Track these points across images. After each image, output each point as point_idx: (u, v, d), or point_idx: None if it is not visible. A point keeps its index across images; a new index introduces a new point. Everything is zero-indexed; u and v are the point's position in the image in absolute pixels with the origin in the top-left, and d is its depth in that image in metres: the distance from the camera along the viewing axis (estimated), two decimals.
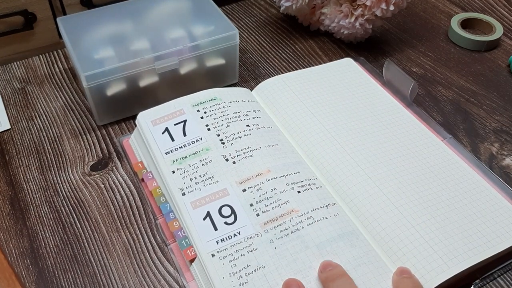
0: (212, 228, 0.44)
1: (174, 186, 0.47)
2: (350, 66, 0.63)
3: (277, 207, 0.45)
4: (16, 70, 0.66)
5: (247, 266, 0.41)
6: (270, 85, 0.59)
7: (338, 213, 0.46)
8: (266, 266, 0.41)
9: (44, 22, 0.66)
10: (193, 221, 0.44)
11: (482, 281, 0.44)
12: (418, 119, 0.56)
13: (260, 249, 0.42)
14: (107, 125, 0.59)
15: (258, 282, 0.40)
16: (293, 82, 0.59)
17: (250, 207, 0.45)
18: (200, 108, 0.53)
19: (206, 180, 0.47)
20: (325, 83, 0.60)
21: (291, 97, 0.57)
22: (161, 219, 0.48)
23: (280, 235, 0.43)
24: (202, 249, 0.43)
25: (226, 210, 0.45)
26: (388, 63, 0.60)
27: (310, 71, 0.61)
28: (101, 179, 0.53)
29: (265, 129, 0.53)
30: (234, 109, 0.54)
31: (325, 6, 0.68)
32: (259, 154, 0.50)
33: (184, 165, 0.49)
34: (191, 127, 0.52)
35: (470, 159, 0.52)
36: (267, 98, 0.58)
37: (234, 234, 0.43)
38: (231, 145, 0.50)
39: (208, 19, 0.62)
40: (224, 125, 0.52)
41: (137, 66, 0.55)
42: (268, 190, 0.46)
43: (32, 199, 0.51)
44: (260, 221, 0.44)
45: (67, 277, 0.45)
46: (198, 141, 0.51)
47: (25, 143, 0.57)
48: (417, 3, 0.79)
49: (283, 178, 0.48)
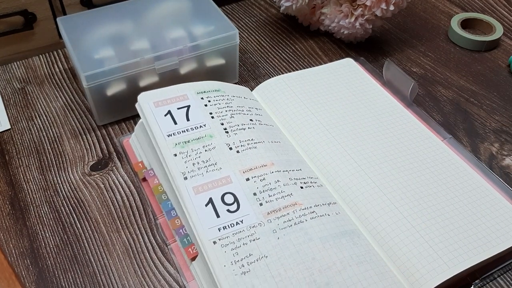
0: (214, 215, 0.43)
1: (176, 170, 0.45)
2: (350, 66, 0.63)
3: (281, 199, 0.45)
4: (16, 70, 0.66)
5: (249, 255, 0.41)
6: (271, 85, 0.59)
7: (339, 212, 0.46)
8: (268, 256, 0.41)
9: (44, 22, 0.66)
10: (195, 207, 0.43)
11: (482, 281, 0.44)
12: (418, 119, 0.56)
13: (262, 238, 0.42)
14: (107, 125, 0.59)
15: (260, 272, 0.40)
16: (293, 82, 0.59)
17: (253, 196, 0.44)
18: (204, 96, 0.52)
19: (209, 166, 0.46)
20: (325, 83, 0.60)
21: (292, 97, 0.57)
22: (162, 219, 0.48)
23: (283, 225, 0.43)
24: (204, 236, 0.41)
25: (229, 197, 0.44)
26: (388, 63, 0.61)
27: (310, 71, 0.62)
28: (101, 179, 0.53)
29: (267, 126, 0.53)
30: (237, 103, 0.53)
31: (325, 6, 0.68)
32: (262, 147, 0.49)
33: (186, 149, 0.47)
34: (195, 113, 0.51)
35: (470, 159, 0.52)
36: (268, 98, 0.58)
37: (236, 222, 0.43)
38: (235, 135, 0.49)
39: (208, 19, 0.62)
40: (228, 115, 0.51)
41: (137, 66, 0.55)
42: (272, 181, 0.46)
43: (32, 199, 0.51)
44: (263, 211, 0.44)
45: (67, 277, 0.45)
46: (202, 127, 0.49)
47: (25, 143, 0.57)
48: (417, 3, 0.79)
49: (286, 173, 0.47)
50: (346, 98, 0.58)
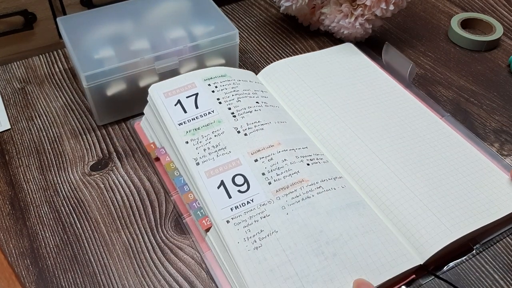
0: (226, 196, 0.46)
1: (188, 156, 0.48)
2: (351, 49, 0.67)
3: (288, 177, 0.47)
4: (16, 70, 0.66)
5: (261, 231, 0.43)
6: (275, 69, 0.62)
7: (345, 185, 0.48)
8: (278, 231, 0.43)
9: (44, 22, 0.66)
10: (207, 190, 0.46)
11: (482, 246, 0.47)
12: (417, 99, 0.59)
13: (272, 215, 0.44)
14: (107, 125, 0.59)
15: (272, 246, 0.42)
16: (296, 65, 0.63)
17: (262, 176, 0.47)
18: (211, 83, 0.54)
19: (219, 150, 0.49)
20: (327, 65, 0.63)
21: (295, 79, 0.60)
22: (176, 195, 0.50)
23: (291, 201, 0.45)
24: (217, 216, 0.44)
25: (239, 179, 0.47)
26: (387, 46, 0.63)
27: (313, 54, 0.65)
28: (101, 179, 0.53)
29: (273, 107, 0.55)
30: (243, 86, 0.55)
31: (325, 6, 0.68)
32: (269, 128, 0.51)
33: (197, 136, 0.50)
34: (203, 100, 0.53)
35: (466, 134, 0.55)
36: (272, 81, 0.61)
37: (247, 202, 0.45)
38: (242, 118, 0.51)
39: (208, 19, 0.62)
40: (235, 99, 0.53)
41: (137, 66, 0.55)
42: (279, 160, 0.48)
43: (32, 199, 0.51)
44: (272, 189, 0.46)
45: (67, 277, 0.45)
46: (210, 113, 0.52)
47: (25, 143, 0.57)
48: (417, 3, 0.79)
49: (293, 151, 0.49)
50: (347, 79, 0.61)
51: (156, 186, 0.52)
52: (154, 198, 0.51)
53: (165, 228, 0.48)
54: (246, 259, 0.41)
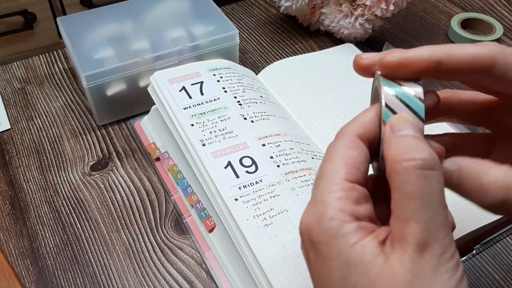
0: (234, 176, 0.44)
1: (195, 137, 0.47)
2: (351, 49, 0.66)
3: (297, 163, 0.46)
4: (16, 70, 0.66)
5: (271, 209, 0.42)
6: (275, 69, 0.62)
7: None
8: (289, 210, 0.42)
9: (44, 22, 0.66)
10: (214, 169, 0.45)
11: (482, 246, 0.47)
12: None
13: (282, 195, 0.43)
14: (107, 125, 0.59)
15: (282, 223, 0.41)
16: (296, 65, 0.62)
17: (270, 159, 0.46)
18: (216, 73, 0.54)
19: (225, 134, 0.48)
20: (327, 65, 0.63)
21: (295, 79, 0.60)
22: (176, 195, 0.50)
23: (301, 184, 0.44)
24: (225, 194, 0.43)
25: (247, 160, 0.46)
26: (387, 46, 0.63)
27: (313, 55, 0.65)
28: (101, 179, 0.53)
29: (275, 104, 0.55)
30: (247, 80, 0.55)
31: (325, 6, 0.68)
32: (274, 119, 0.51)
33: (203, 120, 0.49)
34: (208, 88, 0.52)
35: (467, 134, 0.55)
36: (272, 80, 0.60)
37: (256, 181, 0.44)
38: (248, 107, 0.51)
39: (208, 19, 0.62)
40: (240, 90, 0.53)
41: (137, 66, 0.55)
42: (286, 148, 0.47)
43: (32, 199, 0.51)
44: (281, 171, 0.45)
45: (67, 277, 0.45)
46: (216, 100, 0.51)
47: (25, 143, 0.57)
48: (417, 3, 0.79)
49: (298, 144, 0.49)
50: (347, 78, 0.60)
51: (156, 186, 0.52)
52: (154, 198, 0.51)
53: (165, 228, 0.48)
54: (257, 235, 0.40)
